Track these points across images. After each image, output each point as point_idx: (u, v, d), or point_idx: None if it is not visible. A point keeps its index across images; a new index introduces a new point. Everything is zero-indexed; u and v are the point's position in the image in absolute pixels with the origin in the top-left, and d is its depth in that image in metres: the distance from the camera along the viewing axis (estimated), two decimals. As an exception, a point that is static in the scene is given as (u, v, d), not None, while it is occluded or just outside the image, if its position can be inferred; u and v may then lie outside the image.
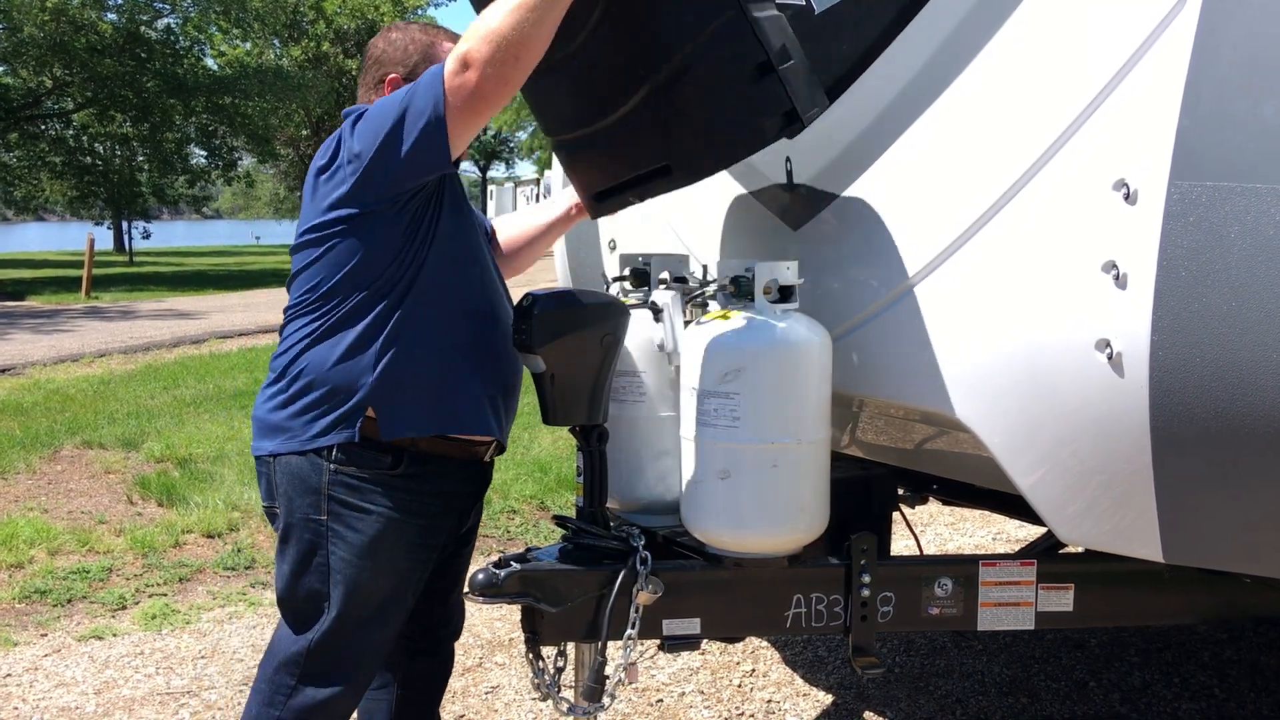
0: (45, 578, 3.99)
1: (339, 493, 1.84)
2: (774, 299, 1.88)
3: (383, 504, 1.85)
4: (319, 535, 1.86)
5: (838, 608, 1.97)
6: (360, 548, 1.86)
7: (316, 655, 1.88)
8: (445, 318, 1.89)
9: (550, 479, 5.14)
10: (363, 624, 1.89)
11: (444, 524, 1.96)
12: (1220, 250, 1.58)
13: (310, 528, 1.87)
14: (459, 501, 2.00)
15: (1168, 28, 1.60)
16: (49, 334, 11.51)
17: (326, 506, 1.85)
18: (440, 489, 1.93)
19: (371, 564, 1.87)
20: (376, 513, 1.85)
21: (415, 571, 1.94)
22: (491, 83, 1.67)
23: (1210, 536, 1.75)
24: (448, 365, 1.89)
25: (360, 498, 1.84)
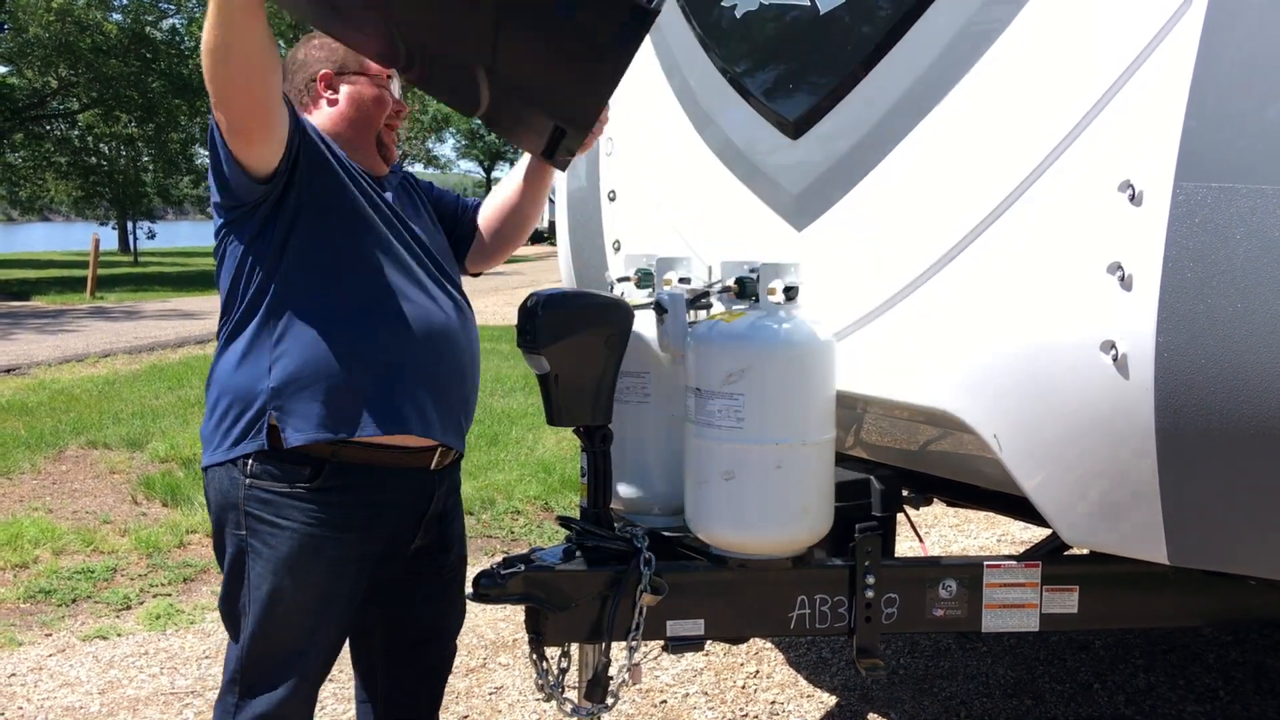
0: (50, 578, 4.00)
1: (253, 507, 1.81)
2: (778, 300, 1.88)
3: (297, 519, 1.79)
4: (240, 549, 1.83)
5: (842, 609, 1.97)
6: (275, 563, 1.80)
7: (249, 670, 1.84)
8: (340, 319, 1.81)
9: (554, 480, 5.14)
10: (288, 640, 1.83)
11: (375, 535, 1.87)
12: (1226, 252, 1.58)
13: (233, 541, 1.84)
14: (394, 513, 1.89)
15: (1173, 29, 1.60)
16: (54, 334, 11.54)
17: (244, 521, 1.82)
18: (368, 500, 1.84)
19: (290, 580, 1.80)
20: (290, 528, 1.79)
21: (341, 586, 1.85)
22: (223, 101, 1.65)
23: (1216, 538, 1.75)
24: (346, 368, 1.80)
25: (273, 512, 1.80)
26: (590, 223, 2.77)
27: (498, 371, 8.33)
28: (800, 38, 2.14)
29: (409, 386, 1.86)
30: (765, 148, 2.23)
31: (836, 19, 2.05)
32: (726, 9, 2.27)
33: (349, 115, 1.94)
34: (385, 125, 1.97)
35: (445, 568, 2.06)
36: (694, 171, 2.41)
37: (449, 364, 1.92)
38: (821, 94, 2.08)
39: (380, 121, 1.96)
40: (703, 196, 2.41)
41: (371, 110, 1.95)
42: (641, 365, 2.06)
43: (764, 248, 2.16)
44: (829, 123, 2.07)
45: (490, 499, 4.92)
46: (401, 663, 2.07)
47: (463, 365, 1.95)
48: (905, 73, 1.93)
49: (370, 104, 1.95)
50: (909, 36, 1.92)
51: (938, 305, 1.87)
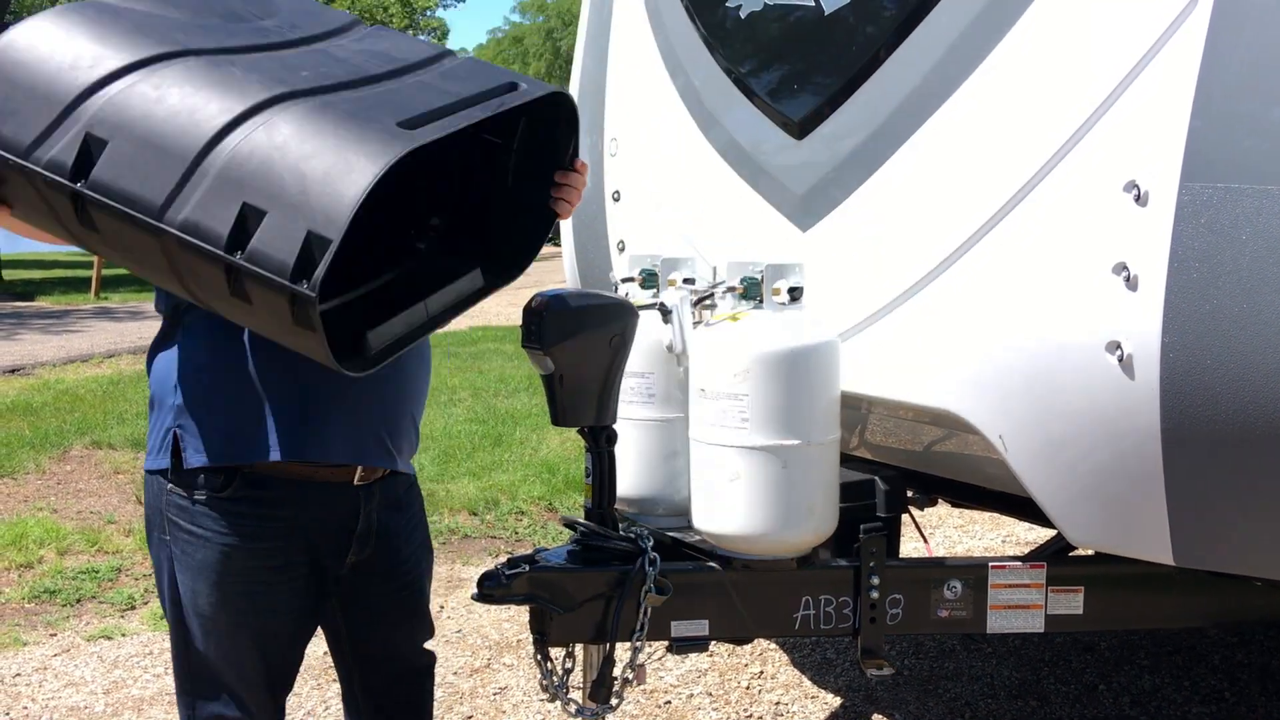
0: (54, 578, 4.00)
1: (172, 513, 1.77)
2: (783, 300, 1.88)
3: (211, 528, 1.74)
4: (165, 555, 1.81)
5: (846, 609, 1.97)
6: (192, 571, 1.76)
7: (185, 681, 1.82)
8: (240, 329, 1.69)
9: (559, 480, 5.14)
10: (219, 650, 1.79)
11: (294, 547, 1.78)
12: (1231, 252, 1.57)
13: (159, 547, 1.82)
14: (314, 526, 1.80)
15: (1179, 29, 1.60)
16: (58, 334, 11.54)
17: (167, 527, 1.79)
18: (282, 514, 1.76)
19: (206, 589, 1.76)
20: (204, 536, 1.75)
21: (263, 597, 1.78)
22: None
23: (1221, 539, 1.74)
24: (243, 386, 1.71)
25: (188, 519, 1.75)
26: (595, 223, 2.77)
27: (501, 372, 8.32)
28: (805, 38, 2.14)
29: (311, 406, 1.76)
30: (770, 148, 2.22)
31: (841, 19, 2.05)
32: (731, 9, 2.27)
33: None
34: None
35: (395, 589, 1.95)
36: (698, 172, 2.41)
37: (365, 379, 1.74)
38: (826, 94, 2.07)
39: None
40: (707, 197, 2.41)
41: None
42: (646, 366, 2.06)
43: (768, 248, 2.16)
44: (834, 123, 2.07)
45: (494, 499, 4.92)
46: (373, 674, 2.02)
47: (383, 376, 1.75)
48: (910, 72, 1.92)
49: None
50: (914, 36, 1.92)
51: (943, 306, 1.87)
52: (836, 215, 2.08)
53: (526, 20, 36.25)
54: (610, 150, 2.70)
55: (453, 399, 7.27)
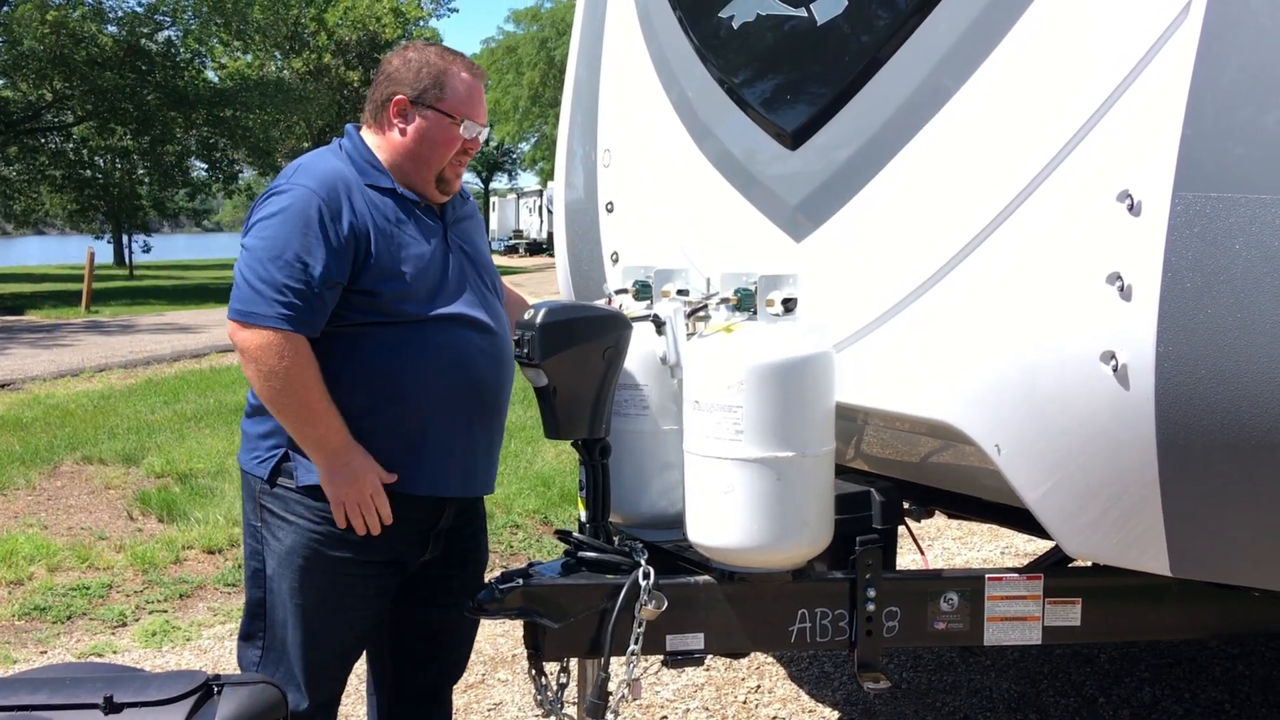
0: (45, 594, 3.97)
1: (267, 501, 1.91)
2: (777, 311, 1.88)
3: (303, 515, 1.88)
4: (257, 541, 1.94)
5: (843, 622, 1.95)
6: (281, 556, 1.90)
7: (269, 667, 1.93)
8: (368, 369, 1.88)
9: (553, 493, 5.12)
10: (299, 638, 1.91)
11: (376, 544, 1.90)
12: (1225, 261, 1.57)
13: (251, 533, 1.95)
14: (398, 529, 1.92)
15: (1171, 38, 1.60)
16: (48, 348, 11.50)
17: (259, 512, 1.93)
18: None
19: (291, 574, 1.89)
20: (296, 524, 1.88)
21: (344, 587, 1.91)
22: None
23: (1218, 550, 1.74)
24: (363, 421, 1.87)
25: (284, 507, 1.89)
26: (588, 234, 2.76)
27: (495, 383, 8.29)
28: (798, 49, 2.14)
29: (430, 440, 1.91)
30: (763, 158, 2.22)
31: (834, 29, 2.05)
32: (724, 20, 2.27)
33: (411, 150, 1.93)
34: (452, 162, 1.96)
35: (455, 578, 2.08)
36: (692, 183, 2.41)
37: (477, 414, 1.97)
38: (819, 104, 2.07)
39: (443, 162, 1.94)
40: (701, 208, 2.40)
41: (436, 151, 1.93)
42: (640, 378, 2.05)
43: (762, 259, 2.15)
44: (827, 133, 2.07)
45: (489, 513, 4.88)
46: (409, 664, 2.10)
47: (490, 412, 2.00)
48: (904, 82, 1.92)
49: (437, 144, 1.92)
50: (907, 46, 1.92)
51: (937, 316, 1.87)
52: (830, 226, 2.07)
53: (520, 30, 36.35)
54: (603, 161, 2.70)
55: (446, 411, 7.23)
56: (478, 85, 1.96)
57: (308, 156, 1.96)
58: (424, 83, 1.92)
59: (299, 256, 1.80)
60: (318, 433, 1.82)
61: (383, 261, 1.85)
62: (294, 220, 1.81)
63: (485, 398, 1.98)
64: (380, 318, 1.87)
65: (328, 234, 1.81)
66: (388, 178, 1.92)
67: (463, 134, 1.94)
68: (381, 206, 1.89)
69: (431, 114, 1.91)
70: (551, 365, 1.85)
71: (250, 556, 1.97)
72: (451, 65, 1.94)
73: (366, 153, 1.94)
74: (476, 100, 1.95)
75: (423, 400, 1.89)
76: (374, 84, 1.99)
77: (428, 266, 1.90)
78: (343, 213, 1.84)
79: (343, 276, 1.83)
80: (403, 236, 1.89)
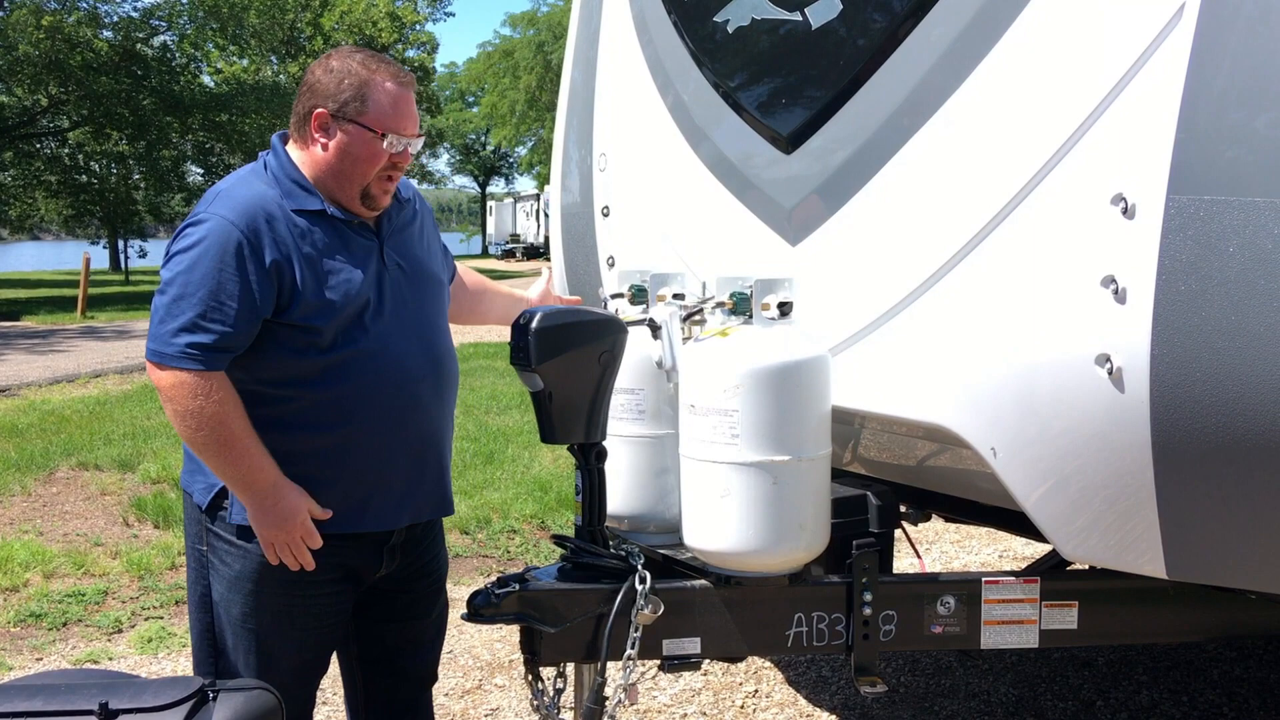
0: (40, 601, 3.95)
1: (214, 526, 1.84)
2: (772, 315, 1.88)
3: (251, 542, 1.80)
4: (203, 565, 1.87)
5: (839, 626, 1.95)
6: (230, 581, 1.83)
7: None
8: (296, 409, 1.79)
9: (550, 498, 5.11)
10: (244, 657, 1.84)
11: (329, 565, 1.84)
12: (1219, 264, 1.57)
13: (197, 557, 1.88)
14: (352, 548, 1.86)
15: (1164, 41, 1.60)
16: (44, 354, 11.47)
17: (205, 536, 1.85)
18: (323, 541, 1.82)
19: (240, 598, 1.82)
20: (244, 549, 1.81)
21: (299, 606, 1.85)
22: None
23: (1214, 552, 1.74)
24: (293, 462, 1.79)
25: (231, 533, 1.82)
26: (584, 239, 2.76)
27: (493, 389, 8.29)
28: (793, 52, 2.14)
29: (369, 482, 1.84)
30: (759, 162, 2.22)
31: (829, 33, 2.05)
32: (719, 24, 2.28)
33: (334, 166, 1.81)
34: (378, 178, 1.83)
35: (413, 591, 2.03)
36: (687, 187, 2.41)
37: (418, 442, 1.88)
38: (815, 108, 2.08)
39: (367, 178, 1.82)
40: (696, 212, 2.40)
41: (359, 167, 1.81)
42: (636, 382, 2.05)
43: (758, 262, 2.15)
44: (822, 137, 2.07)
45: (486, 518, 4.89)
46: (378, 674, 2.06)
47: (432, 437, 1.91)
48: (899, 87, 1.93)
49: (359, 160, 1.80)
50: (902, 50, 1.92)
51: (933, 319, 1.87)
52: (826, 229, 2.07)
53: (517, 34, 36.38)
54: (599, 165, 2.70)
55: (443, 416, 7.23)
56: (405, 95, 1.82)
57: (230, 180, 1.86)
58: (345, 95, 1.79)
59: (213, 294, 1.71)
60: (239, 472, 1.74)
61: (309, 294, 1.76)
62: (210, 255, 1.72)
63: (425, 423, 1.89)
64: (310, 351, 1.78)
65: (246, 270, 1.72)
66: (315, 198, 1.81)
67: (387, 149, 1.80)
68: (309, 233, 1.79)
69: (353, 128, 1.79)
70: (547, 370, 1.84)
71: (195, 581, 1.88)
72: (375, 75, 1.80)
73: (292, 170, 1.83)
74: (403, 112, 1.82)
75: (360, 434, 1.81)
76: (298, 95, 1.86)
77: (359, 293, 1.80)
78: (264, 246, 1.74)
79: (264, 311, 1.74)
80: (331, 264, 1.79)
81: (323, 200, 1.82)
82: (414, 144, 1.86)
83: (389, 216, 1.91)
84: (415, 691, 2.10)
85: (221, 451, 1.74)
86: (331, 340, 1.79)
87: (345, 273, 1.81)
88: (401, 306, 1.87)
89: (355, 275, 1.81)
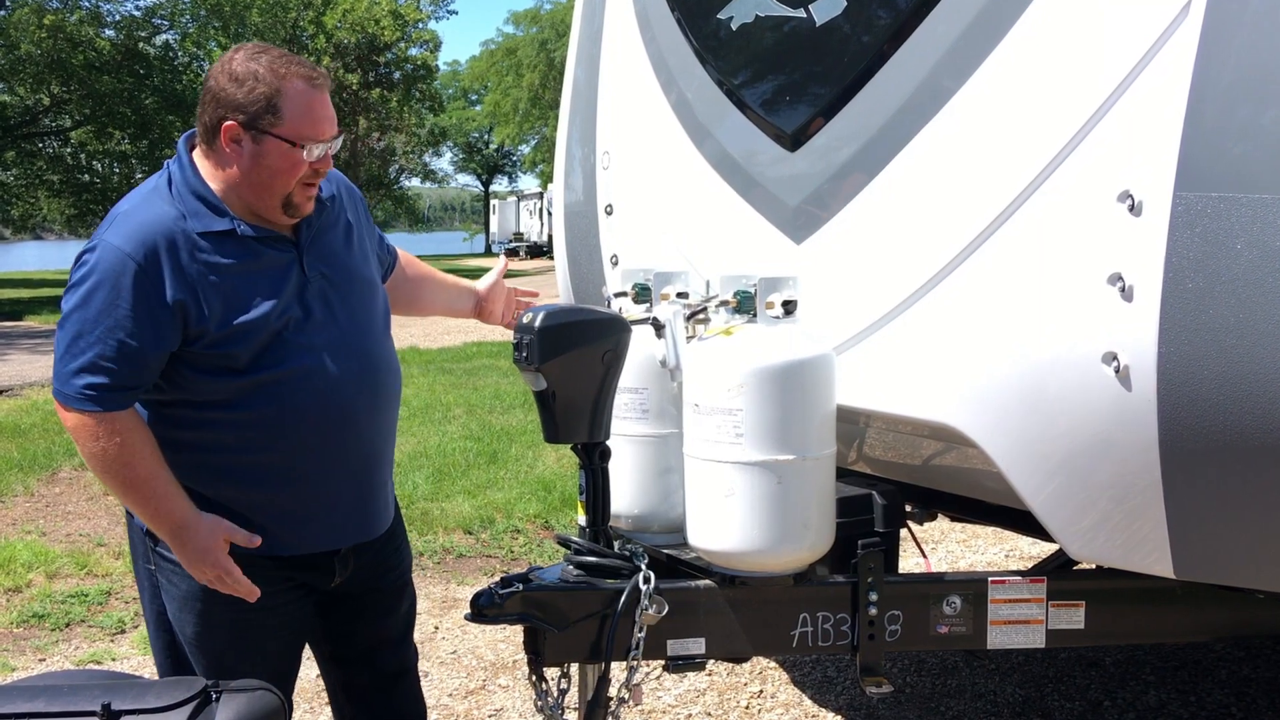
0: (43, 601, 3.95)
1: (154, 542, 1.78)
2: (777, 314, 1.87)
3: None
4: (154, 584, 1.82)
5: (845, 626, 1.94)
6: (180, 600, 1.78)
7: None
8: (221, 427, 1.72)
9: (554, 498, 5.11)
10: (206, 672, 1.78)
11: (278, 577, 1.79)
12: (1227, 261, 1.56)
13: (146, 575, 1.83)
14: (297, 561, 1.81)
15: (1171, 37, 1.59)
16: (47, 354, 11.48)
17: (153, 558, 1.80)
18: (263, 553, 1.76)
19: (192, 617, 1.77)
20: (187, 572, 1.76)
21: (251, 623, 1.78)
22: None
23: (1222, 551, 1.73)
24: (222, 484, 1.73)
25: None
26: (588, 237, 2.75)
27: (496, 388, 8.29)
28: (797, 49, 2.13)
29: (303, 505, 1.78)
30: (763, 160, 2.21)
31: (833, 30, 2.04)
32: (723, 21, 2.26)
33: (250, 177, 1.69)
34: (300, 185, 1.72)
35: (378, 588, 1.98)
36: (691, 185, 2.40)
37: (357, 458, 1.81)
38: (819, 105, 2.07)
39: (289, 186, 1.70)
40: (700, 210, 2.39)
41: (278, 179, 1.69)
42: (639, 381, 2.04)
43: (762, 261, 2.14)
44: (827, 134, 2.06)
45: (489, 518, 4.88)
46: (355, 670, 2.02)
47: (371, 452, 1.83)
48: (904, 83, 1.92)
49: (277, 172, 1.69)
50: (907, 46, 1.91)
51: (939, 317, 1.86)
52: (830, 227, 2.06)
53: (520, 32, 36.37)
54: (602, 163, 2.69)
55: (447, 416, 7.23)
56: (318, 95, 1.70)
57: (131, 201, 1.73)
58: (257, 105, 1.66)
59: (110, 332, 1.61)
60: (147, 512, 1.68)
61: (216, 325, 1.66)
62: (104, 289, 1.61)
63: (361, 441, 1.81)
64: (226, 374, 1.69)
65: (145, 305, 1.62)
66: (224, 219, 1.70)
67: (306, 158, 1.69)
68: (216, 257, 1.68)
69: (269, 140, 1.67)
70: (550, 369, 1.84)
71: (150, 601, 1.83)
72: (285, 81, 1.67)
73: (198, 184, 1.71)
74: (319, 115, 1.70)
75: (291, 455, 1.73)
76: (200, 101, 1.73)
77: (279, 314, 1.70)
78: (165, 279, 1.63)
79: (169, 345, 1.65)
80: (242, 288, 1.68)
81: (232, 218, 1.70)
82: (333, 146, 1.74)
83: (307, 223, 1.78)
84: (395, 680, 2.06)
85: (128, 491, 1.68)
86: (249, 362, 1.69)
87: (259, 296, 1.69)
88: (329, 319, 1.77)
89: (270, 296, 1.70)
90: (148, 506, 1.69)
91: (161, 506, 1.68)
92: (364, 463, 1.84)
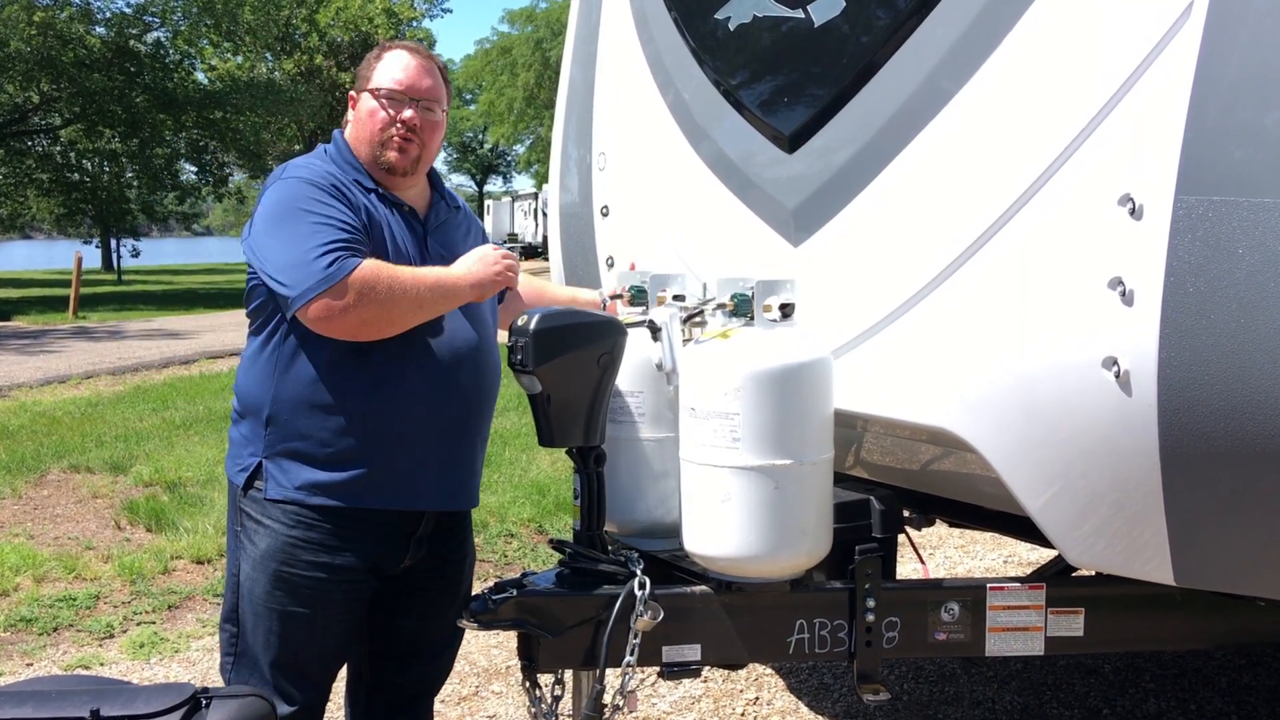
0: (31, 605, 3.91)
1: (246, 505, 1.91)
2: (774, 317, 1.85)
3: (278, 520, 1.87)
4: (237, 545, 1.94)
5: (842, 633, 1.93)
6: (255, 560, 1.89)
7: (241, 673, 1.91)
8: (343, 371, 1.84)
9: (548, 502, 5.08)
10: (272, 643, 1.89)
11: (354, 551, 1.88)
12: (1227, 266, 1.55)
13: (233, 537, 1.96)
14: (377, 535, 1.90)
15: (1172, 41, 1.58)
16: (35, 355, 11.40)
17: (240, 519, 1.93)
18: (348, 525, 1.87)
19: (265, 579, 1.87)
20: (270, 528, 1.87)
21: (317, 594, 1.87)
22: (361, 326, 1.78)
23: (1222, 558, 1.72)
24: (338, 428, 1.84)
25: (261, 512, 1.88)
26: (583, 239, 2.74)
27: (487, 388, 8.24)
28: (795, 51, 2.12)
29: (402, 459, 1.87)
30: (760, 161, 2.20)
31: (832, 31, 2.03)
32: (720, 22, 2.25)
33: (357, 132, 1.96)
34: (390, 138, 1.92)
35: (433, 589, 2.03)
36: (688, 186, 2.39)
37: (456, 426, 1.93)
38: (817, 107, 2.05)
39: (375, 132, 1.92)
40: (697, 211, 2.38)
41: (365, 124, 1.94)
42: (635, 384, 2.02)
43: (759, 263, 2.13)
44: (825, 136, 2.05)
45: (483, 522, 4.85)
46: (387, 672, 2.07)
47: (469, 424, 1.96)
48: (902, 85, 1.90)
49: (363, 117, 1.95)
50: (906, 48, 1.90)
51: (937, 321, 1.85)
52: (828, 230, 2.05)
53: (515, 31, 36.30)
54: (598, 164, 2.67)
55: (438, 417, 7.18)
56: (403, 55, 1.97)
57: (292, 163, 1.98)
58: (364, 71, 1.99)
59: (322, 214, 1.80)
60: (438, 293, 1.82)
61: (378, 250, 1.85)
62: (301, 195, 1.83)
63: (465, 409, 1.93)
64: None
65: (340, 200, 1.84)
66: (368, 177, 1.94)
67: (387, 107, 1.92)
68: (368, 203, 1.90)
69: (364, 96, 1.96)
70: (545, 372, 1.82)
71: (230, 563, 1.96)
72: (385, 50, 2.00)
73: (348, 153, 1.96)
74: (400, 66, 1.95)
75: (398, 411, 1.85)
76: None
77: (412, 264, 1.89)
78: (344, 194, 1.87)
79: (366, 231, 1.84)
80: (387, 234, 1.89)
81: (373, 180, 1.94)
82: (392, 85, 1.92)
83: (435, 212, 2.01)
84: (423, 691, 2.12)
85: (421, 308, 1.81)
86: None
87: (398, 245, 1.90)
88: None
89: (407, 250, 1.91)
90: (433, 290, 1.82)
91: (443, 286, 1.83)
92: (463, 432, 1.95)
